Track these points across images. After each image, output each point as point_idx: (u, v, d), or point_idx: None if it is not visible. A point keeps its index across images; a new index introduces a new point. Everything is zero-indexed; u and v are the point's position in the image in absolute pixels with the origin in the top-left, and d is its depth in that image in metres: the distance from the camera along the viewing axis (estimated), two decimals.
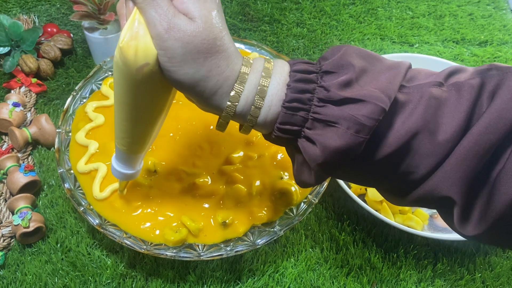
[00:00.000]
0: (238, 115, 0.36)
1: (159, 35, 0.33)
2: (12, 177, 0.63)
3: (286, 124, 0.35)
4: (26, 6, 0.91)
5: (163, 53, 0.33)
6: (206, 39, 0.33)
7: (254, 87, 0.35)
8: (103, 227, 0.55)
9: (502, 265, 0.63)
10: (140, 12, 0.33)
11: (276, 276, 0.59)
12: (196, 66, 0.33)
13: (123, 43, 0.33)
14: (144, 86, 0.36)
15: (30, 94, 0.76)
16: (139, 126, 0.42)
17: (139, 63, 0.34)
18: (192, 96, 0.36)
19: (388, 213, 0.65)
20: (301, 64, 0.35)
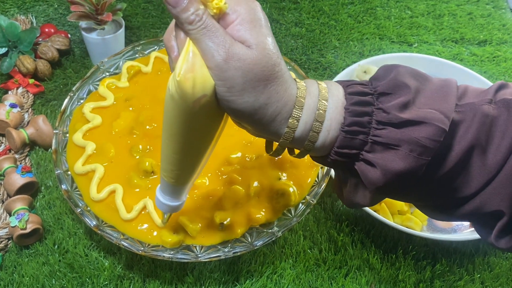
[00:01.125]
0: (296, 141, 0.35)
1: (218, 65, 0.32)
2: (9, 179, 0.63)
3: (345, 148, 0.34)
4: (24, 7, 0.91)
5: (222, 83, 0.32)
6: (265, 66, 0.32)
7: (312, 112, 0.34)
8: (100, 229, 0.54)
9: (501, 265, 0.62)
10: (194, 42, 0.32)
11: (274, 277, 0.59)
12: (255, 94, 0.32)
13: (180, 77, 0.32)
14: (199, 117, 0.35)
15: (27, 95, 0.75)
16: (190, 157, 0.40)
17: (196, 95, 0.32)
18: (249, 124, 0.35)
19: (387, 213, 0.65)
20: (355, 86, 0.35)
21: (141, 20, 0.90)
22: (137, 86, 0.68)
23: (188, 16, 0.32)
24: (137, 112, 0.65)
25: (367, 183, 0.34)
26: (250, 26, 0.32)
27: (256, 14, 0.33)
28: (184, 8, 0.32)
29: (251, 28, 0.32)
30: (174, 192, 0.45)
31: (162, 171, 0.43)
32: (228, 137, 0.63)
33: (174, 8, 0.32)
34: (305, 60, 0.86)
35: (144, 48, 0.73)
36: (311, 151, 0.36)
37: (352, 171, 0.36)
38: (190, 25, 0.32)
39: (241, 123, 0.36)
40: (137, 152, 0.60)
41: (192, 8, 0.32)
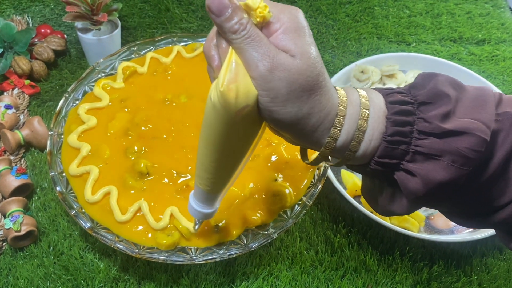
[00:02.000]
0: (337, 150, 0.34)
1: (262, 76, 0.31)
2: (4, 180, 0.63)
3: (385, 158, 0.34)
4: (20, 7, 0.90)
5: (266, 93, 0.32)
6: (310, 76, 0.32)
7: (354, 122, 0.34)
8: (95, 231, 0.54)
9: (499, 267, 0.62)
10: (237, 52, 0.32)
11: (270, 279, 0.59)
12: (299, 104, 0.32)
13: (224, 87, 0.32)
14: (240, 127, 0.35)
15: (23, 96, 0.75)
16: (227, 166, 0.40)
17: (239, 105, 0.32)
18: (290, 133, 0.35)
19: None
20: (396, 94, 0.35)
21: (138, 20, 0.90)
22: (133, 87, 0.68)
23: (232, 25, 0.31)
24: (132, 113, 0.64)
25: (407, 193, 0.34)
26: (294, 35, 0.32)
27: (300, 23, 0.32)
28: (228, 17, 0.31)
29: (295, 37, 0.32)
30: (208, 200, 0.45)
31: (197, 178, 0.42)
32: None
33: (217, 17, 0.31)
34: None
35: (140, 48, 0.72)
36: (350, 161, 0.35)
37: (389, 180, 0.36)
38: (233, 35, 0.31)
39: (280, 131, 0.36)
40: (132, 154, 0.60)
41: (236, 17, 0.31)
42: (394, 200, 0.37)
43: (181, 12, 0.92)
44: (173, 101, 0.66)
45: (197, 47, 0.73)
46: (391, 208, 0.37)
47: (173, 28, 0.90)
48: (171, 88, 0.68)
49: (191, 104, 0.66)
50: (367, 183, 0.40)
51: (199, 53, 0.73)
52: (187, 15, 0.92)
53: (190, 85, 0.68)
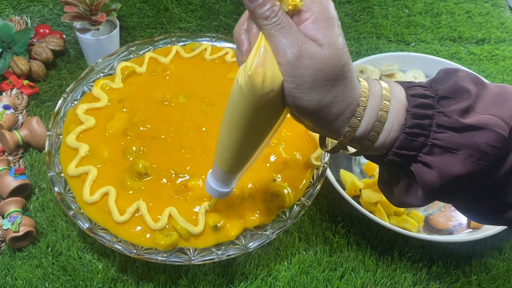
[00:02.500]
0: (355, 140, 0.35)
1: (289, 62, 0.32)
2: (2, 181, 0.63)
3: (403, 149, 0.35)
4: (19, 7, 0.90)
5: (291, 80, 0.33)
6: (336, 66, 0.32)
7: (374, 112, 0.34)
8: (93, 231, 0.54)
9: (498, 267, 0.62)
10: (266, 38, 0.33)
11: (269, 279, 0.59)
12: (323, 93, 0.33)
13: (252, 71, 0.33)
14: (263, 111, 0.36)
15: (21, 96, 0.75)
16: (248, 148, 0.41)
17: (265, 90, 0.33)
18: (311, 120, 0.35)
19: (383, 215, 0.64)
20: (417, 88, 0.35)
21: (137, 20, 0.90)
22: (131, 87, 0.68)
23: (264, 11, 0.32)
24: (131, 114, 0.64)
25: (423, 184, 0.35)
26: (324, 25, 0.33)
27: (330, 13, 0.33)
28: (261, 4, 0.32)
29: (324, 27, 0.32)
30: (226, 179, 0.46)
31: (217, 158, 0.44)
32: None
33: (251, 2, 0.32)
34: None
35: (139, 48, 0.72)
36: (368, 151, 0.36)
37: (406, 172, 0.36)
38: (265, 21, 0.32)
39: (301, 118, 0.37)
40: (131, 154, 0.60)
41: (269, 4, 0.32)
42: (409, 192, 0.37)
43: (180, 12, 0.92)
44: (171, 101, 0.66)
45: (196, 47, 0.73)
46: (406, 199, 0.38)
47: (172, 28, 0.89)
48: (169, 88, 0.68)
49: (189, 104, 0.66)
50: (383, 175, 0.41)
51: (198, 53, 0.72)
52: (186, 15, 0.92)
53: (189, 85, 0.68)
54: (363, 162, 0.72)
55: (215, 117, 0.64)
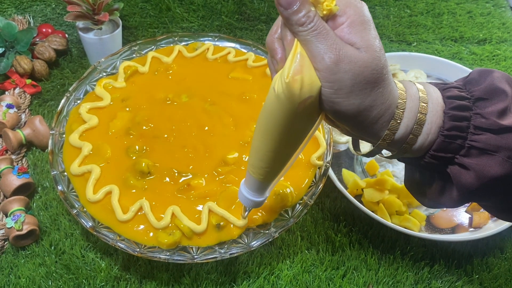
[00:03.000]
0: (394, 143, 0.35)
1: (328, 68, 0.32)
2: (5, 179, 0.63)
3: (441, 151, 0.35)
4: (22, 7, 0.90)
5: (330, 85, 0.32)
6: (375, 69, 0.32)
7: (413, 115, 0.34)
8: (96, 230, 0.54)
9: (500, 266, 0.62)
10: (302, 44, 0.33)
11: (271, 278, 0.59)
12: (362, 97, 0.32)
13: (289, 78, 0.32)
14: (300, 118, 0.35)
15: (24, 96, 0.75)
16: (282, 155, 0.41)
17: (303, 96, 0.33)
18: (349, 125, 0.35)
19: (385, 214, 0.65)
20: (452, 89, 0.35)
21: (139, 20, 0.90)
22: (134, 87, 0.68)
23: (299, 18, 0.32)
24: (133, 113, 0.64)
25: (460, 186, 0.35)
26: (360, 28, 0.32)
27: (365, 16, 0.33)
28: (296, 10, 0.32)
29: (360, 31, 0.32)
30: (259, 188, 0.46)
31: (250, 167, 0.43)
32: (225, 137, 0.62)
33: (285, 10, 0.32)
34: None
35: (141, 48, 0.72)
36: (406, 154, 0.36)
37: (441, 174, 0.36)
38: (300, 27, 0.32)
39: (338, 123, 0.36)
40: (134, 153, 0.60)
41: (304, 10, 0.32)
42: (443, 193, 0.37)
43: (182, 12, 0.92)
44: (174, 100, 0.66)
45: (198, 46, 0.73)
46: (440, 200, 0.38)
47: (174, 27, 0.90)
48: (172, 87, 0.68)
49: (192, 104, 0.66)
50: (415, 176, 0.41)
51: (200, 53, 0.73)
52: (188, 14, 0.92)
53: (191, 85, 0.69)
54: (364, 162, 0.73)
55: (217, 116, 0.65)
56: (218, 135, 0.63)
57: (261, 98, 0.67)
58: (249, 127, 0.64)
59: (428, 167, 0.36)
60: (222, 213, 0.55)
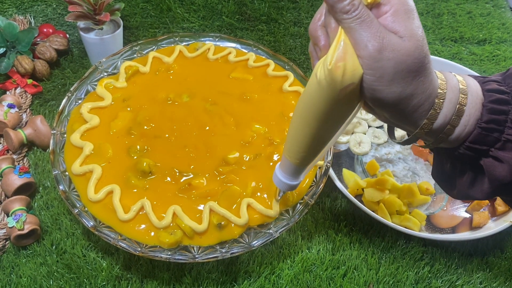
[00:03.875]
0: (431, 133, 0.36)
1: (370, 55, 0.32)
2: (7, 179, 0.63)
3: (477, 144, 0.35)
4: (22, 7, 0.91)
5: (372, 73, 0.33)
6: (417, 58, 0.33)
7: (453, 106, 0.35)
8: (97, 229, 0.54)
9: (500, 266, 0.62)
10: (346, 32, 0.33)
11: (272, 277, 0.59)
12: (403, 85, 0.33)
13: (332, 65, 0.33)
14: (340, 105, 0.36)
15: (25, 95, 0.75)
16: (320, 142, 0.41)
17: (345, 83, 0.33)
18: (389, 113, 0.36)
19: (385, 213, 0.65)
20: (492, 83, 0.36)
21: (140, 20, 0.90)
22: (135, 86, 0.68)
23: (344, 6, 0.32)
24: (135, 113, 0.65)
25: (492, 179, 0.35)
26: (404, 17, 0.33)
27: (409, 5, 0.33)
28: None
29: (404, 20, 0.33)
30: (295, 172, 0.47)
31: (287, 151, 0.44)
32: (226, 137, 0.63)
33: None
34: (303, 60, 0.86)
35: (142, 48, 0.72)
36: (442, 143, 0.37)
37: (473, 166, 0.37)
38: (345, 15, 0.32)
39: (377, 110, 0.37)
40: (135, 153, 0.60)
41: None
42: (474, 185, 0.38)
43: (182, 12, 0.92)
44: (175, 100, 0.66)
45: (199, 46, 0.74)
46: (470, 192, 0.38)
47: (175, 27, 0.90)
48: (173, 87, 0.68)
49: (193, 103, 0.66)
50: (445, 167, 0.41)
51: (201, 53, 0.73)
52: (189, 15, 0.92)
53: (192, 85, 0.69)
54: (365, 162, 0.73)
55: (218, 116, 0.65)
56: (219, 135, 0.63)
57: (262, 98, 0.68)
58: (250, 127, 0.64)
59: (462, 158, 0.37)
60: (223, 213, 0.55)
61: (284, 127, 0.64)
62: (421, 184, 0.69)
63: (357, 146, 0.74)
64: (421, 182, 0.70)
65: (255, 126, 0.64)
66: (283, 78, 0.70)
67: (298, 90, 0.68)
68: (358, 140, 0.75)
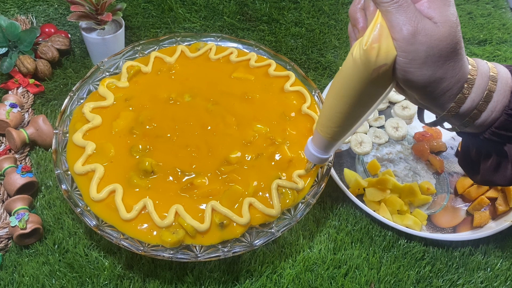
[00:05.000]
0: (458, 116, 0.37)
1: (404, 38, 0.34)
2: (9, 178, 0.63)
3: (502, 129, 0.36)
4: (24, 7, 0.91)
5: (405, 55, 0.35)
6: (450, 44, 0.34)
7: (481, 92, 0.36)
8: (100, 229, 0.54)
9: (500, 265, 0.62)
10: (383, 15, 0.35)
11: (274, 277, 0.59)
12: (434, 69, 0.35)
13: (367, 46, 0.35)
14: (372, 84, 0.38)
15: (27, 95, 0.75)
16: (351, 118, 0.44)
17: (378, 63, 0.36)
18: (418, 95, 0.38)
19: (387, 213, 0.65)
20: None
21: (141, 20, 0.90)
22: (137, 86, 0.68)
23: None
24: (137, 112, 0.65)
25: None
26: (440, 4, 0.35)
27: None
28: None
29: (440, 6, 0.34)
30: (326, 147, 0.50)
31: (320, 126, 0.47)
32: (228, 137, 0.63)
33: None
34: (305, 60, 0.87)
35: (144, 48, 0.73)
36: (467, 128, 0.38)
37: (498, 151, 0.38)
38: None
39: (408, 92, 0.39)
40: (137, 152, 0.60)
41: None
42: (498, 171, 0.39)
43: (184, 12, 0.93)
44: (177, 100, 0.67)
45: (201, 46, 0.74)
46: (492, 178, 0.40)
47: (176, 28, 0.90)
48: (175, 87, 0.68)
49: (195, 103, 0.67)
50: (471, 153, 0.42)
51: (203, 53, 0.73)
52: (190, 15, 0.93)
53: (194, 84, 0.69)
54: (366, 161, 0.73)
55: (220, 116, 0.65)
56: (220, 135, 0.63)
57: (263, 97, 0.68)
58: (251, 127, 0.64)
59: (487, 143, 0.38)
60: (225, 212, 0.55)
61: (285, 127, 0.65)
62: (422, 184, 0.69)
63: (358, 146, 0.74)
64: (422, 182, 0.70)
65: (257, 126, 0.64)
66: (285, 78, 0.70)
67: (299, 90, 0.68)
68: (359, 140, 0.75)
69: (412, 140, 0.76)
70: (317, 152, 0.51)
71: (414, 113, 0.78)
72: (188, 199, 0.57)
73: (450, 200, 0.69)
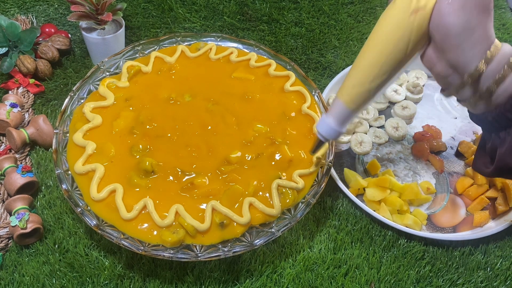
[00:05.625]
0: (483, 78, 0.40)
1: None
2: (9, 178, 0.63)
3: None
4: (24, 7, 0.91)
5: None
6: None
7: (506, 57, 0.40)
8: (100, 228, 0.55)
9: (500, 265, 0.63)
10: None
11: (274, 276, 0.59)
12: (470, 16, 0.38)
13: None
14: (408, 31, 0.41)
15: (28, 95, 0.75)
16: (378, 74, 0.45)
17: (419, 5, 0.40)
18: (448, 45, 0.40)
19: (386, 213, 0.65)
20: None
21: (141, 20, 0.90)
22: (137, 86, 0.68)
23: None
24: (137, 112, 0.65)
25: None
26: None
27: None
28: None
29: None
30: (344, 117, 0.50)
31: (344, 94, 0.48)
32: (228, 136, 0.63)
33: None
34: (305, 60, 0.87)
35: (144, 48, 0.73)
36: (491, 95, 0.40)
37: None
38: None
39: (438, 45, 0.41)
40: (137, 152, 0.61)
41: None
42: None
43: (184, 12, 0.93)
44: (177, 100, 0.67)
45: (201, 46, 0.74)
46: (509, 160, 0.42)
47: (176, 28, 0.90)
48: (175, 87, 0.68)
49: (195, 103, 0.67)
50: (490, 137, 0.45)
51: (203, 53, 0.73)
52: (191, 15, 0.93)
53: (194, 84, 0.69)
54: (366, 161, 0.73)
55: (220, 116, 0.65)
56: (221, 135, 0.63)
57: (264, 97, 0.68)
58: (251, 127, 0.64)
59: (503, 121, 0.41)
60: (225, 212, 0.55)
61: (285, 126, 0.65)
62: (422, 184, 0.70)
63: (358, 146, 0.74)
64: (422, 182, 0.70)
65: (257, 126, 0.64)
66: (285, 78, 0.70)
67: (300, 90, 0.69)
68: (359, 139, 0.75)
69: (412, 140, 0.76)
70: (334, 125, 0.50)
71: (414, 113, 0.78)
72: (189, 199, 0.57)
73: (450, 200, 0.69)
